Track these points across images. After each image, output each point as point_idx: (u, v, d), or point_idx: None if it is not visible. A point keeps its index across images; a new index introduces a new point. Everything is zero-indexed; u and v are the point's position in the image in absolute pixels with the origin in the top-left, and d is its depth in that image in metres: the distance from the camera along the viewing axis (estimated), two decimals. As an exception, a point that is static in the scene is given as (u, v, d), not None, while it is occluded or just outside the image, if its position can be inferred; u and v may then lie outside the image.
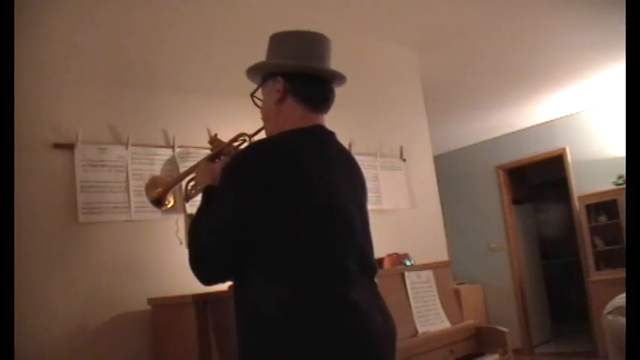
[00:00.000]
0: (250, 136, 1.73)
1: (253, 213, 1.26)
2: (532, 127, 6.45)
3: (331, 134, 1.48)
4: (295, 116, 1.42)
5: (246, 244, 1.27)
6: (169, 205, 2.19)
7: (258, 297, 1.28)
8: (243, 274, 1.30)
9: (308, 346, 1.22)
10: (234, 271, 1.32)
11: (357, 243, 1.39)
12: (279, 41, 1.49)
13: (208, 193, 1.48)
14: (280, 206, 1.26)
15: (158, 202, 2.10)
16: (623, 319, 3.21)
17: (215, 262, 1.30)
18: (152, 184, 2.11)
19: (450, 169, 6.97)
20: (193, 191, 1.96)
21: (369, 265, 1.42)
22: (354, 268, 1.34)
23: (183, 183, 2.06)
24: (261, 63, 1.49)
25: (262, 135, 1.54)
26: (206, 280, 1.34)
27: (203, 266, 1.32)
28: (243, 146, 1.73)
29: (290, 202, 1.27)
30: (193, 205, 2.26)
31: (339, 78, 1.50)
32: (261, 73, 1.50)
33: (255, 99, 1.56)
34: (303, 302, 1.24)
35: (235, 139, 1.79)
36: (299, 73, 1.43)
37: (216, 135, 1.96)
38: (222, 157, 1.72)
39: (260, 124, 1.58)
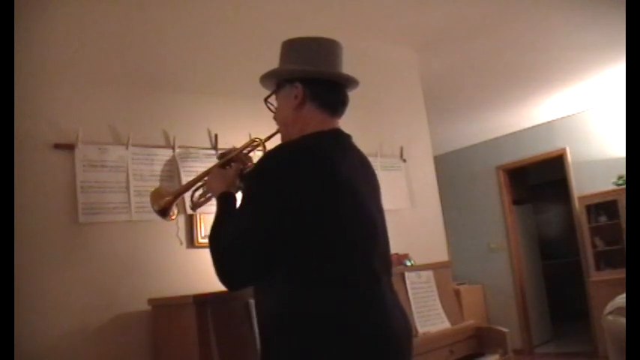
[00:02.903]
0: (264, 141, 1.72)
1: (284, 215, 1.26)
2: (532, 127, 6.45)
3: (349, 137, 1.50)
4: (315, 121, 1.44)
5: (276, 246, 1.27)
6: (173, 217, 2.14)
7: (286, 298, 1.28)
8: (270, 276, 1.30)
9: (334, 346, 1.23)
10: (263, 274, 1.31)
11: (379, 243, 1.42)
12: (294, 47, 1.50)
13: (226, 199, 1.49)
14: (310, 209, 1.27)
15: (164, 212, 2.03)
16: (624, 320, 3.21)
17: (245, 267, 1.29)
18: (157, 194, 2.07)
19: (450, 170, 6.97)
20: (202, 199, 1.91)
21: (388, 263, 1.46)
22: (379, 268, 1.36)
23: (188, 193, 1.99)
24: (279, 69, 1.51)
25: (276, 140, 1.55)
26: (236, 286, 1.36)
27: (233, 272, 1.31)
28: (255, 151, 1.73)
29: (319, 205, 1.28)
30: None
31: (353, 83, 1.52)
32: (277, 79, 1.51)
33: (268, 104, 1.56)
34: (329, 301, 1.25)
35: (248, 145, 1.78)
36: (317, 79, 1.45)
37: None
38: (232, 164, 1.70)
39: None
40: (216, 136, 2.45)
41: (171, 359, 1.94)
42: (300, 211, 1.26)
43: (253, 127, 1.72)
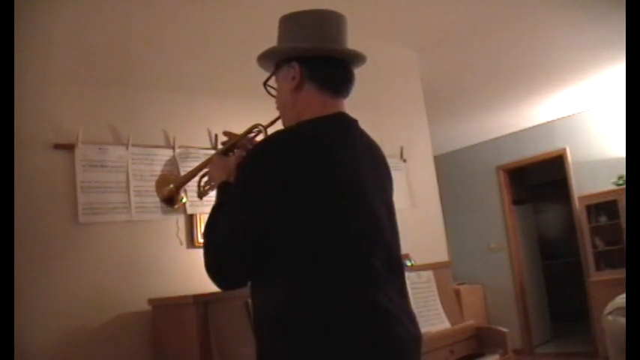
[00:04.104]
0: (265, 127, 1.61)
1: (276, 209, 1.17)
2: (532, 127, 6.45)
3: (355, 122, 1.37)
4: (315, 103, 1.32)
5: (268, 243, 1.18)
6: (183, 202, 2.10)
7: (280, 297, 1.19)
8: (265, 273, 1.22)
9: (330, 349, 1.15)
10: (255, 272, 1.22)
11: (385, 240, 1.30)
12: (291, 23, 1.38)
13: (224, 190, 1.40)
14: (305, 201, 1.17)
15: (170, 200, 2.00)
16: (624, 320, 3.21)
17: (236, 264, 1.21)
18: (162, 181, 2.01)
19: (451, 170, 6.97)
20: (207, 187, 1.81)
21: (397, 263, 1.34)
22: (382, 268, 1.24)
23: (196, 179, 1.91)
24: (273, 48, 1.38)
25: (278, 125, 1.45)
26: (226, 285, 1.26)
27: (223, 269, 1.22)
28: (257, 138, 1.63)
29: (316, 198, 1.18)
30: (193, 206, 2.27)
31: (359, 58, 1.39)
32: (274, 60, 1.39)
33: (268, 88, 1.44)
34: (325, 303, 1.17)
35: (249, 131, 1.66)
36: (315, 56, 1.33)
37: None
38: (235, 151, 1.61)
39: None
40: (216, 136, 2.45)
41: (172, 359, 1.94)
42: (294, 204, 1.16)
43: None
